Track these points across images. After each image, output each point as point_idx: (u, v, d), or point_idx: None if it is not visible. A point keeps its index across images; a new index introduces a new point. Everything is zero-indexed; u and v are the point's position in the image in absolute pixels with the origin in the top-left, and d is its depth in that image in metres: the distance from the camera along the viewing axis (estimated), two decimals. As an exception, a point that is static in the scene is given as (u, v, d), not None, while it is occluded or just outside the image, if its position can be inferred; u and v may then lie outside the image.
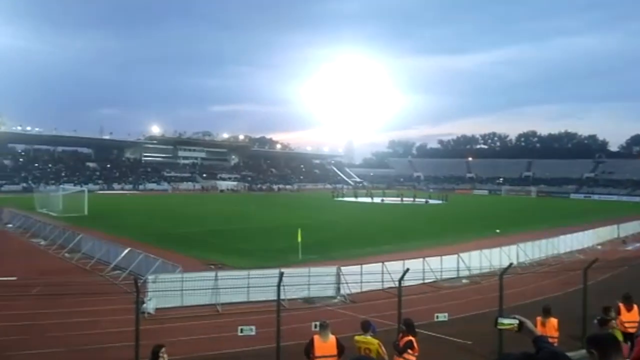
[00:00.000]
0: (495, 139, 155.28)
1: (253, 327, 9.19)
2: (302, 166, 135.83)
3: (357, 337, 7.77)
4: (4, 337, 10.56)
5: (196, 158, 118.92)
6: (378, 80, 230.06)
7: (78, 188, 49.92)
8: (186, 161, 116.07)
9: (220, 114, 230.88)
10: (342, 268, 15.72)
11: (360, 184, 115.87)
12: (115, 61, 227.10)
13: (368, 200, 67.37)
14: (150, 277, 13.58)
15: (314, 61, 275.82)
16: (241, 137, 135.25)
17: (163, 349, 6.95)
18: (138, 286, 9.27)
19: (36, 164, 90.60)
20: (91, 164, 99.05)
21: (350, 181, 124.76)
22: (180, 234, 29.05)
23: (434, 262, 17.40)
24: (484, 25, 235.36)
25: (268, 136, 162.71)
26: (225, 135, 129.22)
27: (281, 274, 9.95)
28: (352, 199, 69.39)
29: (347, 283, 15.39)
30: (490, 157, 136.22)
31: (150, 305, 12.87)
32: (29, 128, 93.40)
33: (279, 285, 9.69)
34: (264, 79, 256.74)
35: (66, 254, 21.21)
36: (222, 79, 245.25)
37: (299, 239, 21.11)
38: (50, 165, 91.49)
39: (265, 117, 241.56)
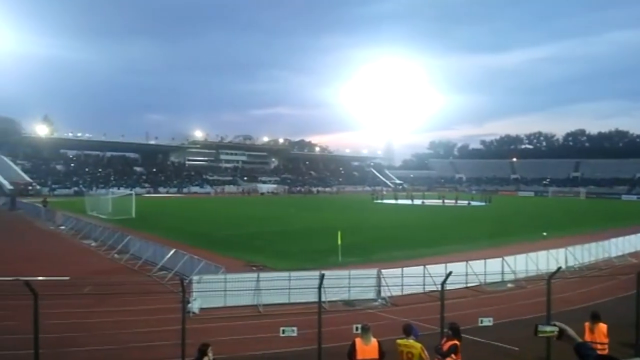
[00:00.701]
0: (541, 138, 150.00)
1: (295, 328, 9.27)
2: (340, 168, 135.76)
3: (399, 341, 7.70)
4: (58, 333, 11.08)
5: (237, 161, 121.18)
6: (417, 80, 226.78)
7: (126, 191, 51.83)
8: (228, 164, 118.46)
9: (260, 118, 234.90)
10: (383, 271, 15.61)
11: (400, 186, 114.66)
12: (160, 68, 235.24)
13: (408, 202, 66.59)
14: (195, 278, 13.96)
15: (351, 63, 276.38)
16: (281, 140, 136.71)
17: (210, 348, 7.15)
18: (184, 286, 9.55)
19: (87, 169, 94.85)
20: (138, 168, 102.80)
21: (389, 183, 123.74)
22: (222, 235, 29.68)
23: (477, 265, 16.97)
24: (523, 22, 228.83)
25: (307, 139, 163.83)
26: (266, 139, 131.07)
27: (322, 276, 10.00)
28: (392, 201, 68.81)
29: (387, 286, 15.27)
30: (535, 157, 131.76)
31: (195, 305, 13.23)
32: (79, 134, 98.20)
33: (320, 287, 9.74)
34: (303, 82, 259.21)
35: (115, 255, 22.11)
36: (262, 84, 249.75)
37: (339, 241, 21.12)
38: (99, 170, 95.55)
39: (304, 120, 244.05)
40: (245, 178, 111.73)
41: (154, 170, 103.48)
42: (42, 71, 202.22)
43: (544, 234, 29.34)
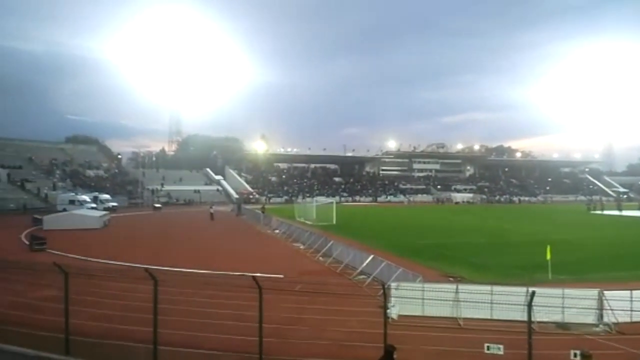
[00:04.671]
0: None
1: (501, 346, 8.69)
2: (547, 175, 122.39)
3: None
4: (276, 325, 12.51)
5: (430, 170, 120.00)
6: (634, 71, 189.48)
7: (327, 200, 56.03)
8: (420, 173, 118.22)
9: (452, 125, 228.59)
10: (606, 292, 13.45)
11: (625, 195, 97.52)
12: (356, 83, 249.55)
13: (637, 214, 56.08)
14: (393, 285, 14.23)
15: (551, 58, 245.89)
16: (476, 147, 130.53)
17: (395, 351, 7.23)
18: (386, 293, 9.83)
19: (295, 179, 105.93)
20: (337, 178, 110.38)
21: (610, 191, 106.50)
22: (417, 244, 29.62)
23: None
24: None
25: (506, 144, 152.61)
26: (459, 146, 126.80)
27: (532, 293, 9.13)
28: (615, 213, 58.88)
29: (612, 310, 13.09)
30: None
31: (393, 311, 13.48)
32: (289, 149, 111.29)
33: (529, 305, 8.92)
34: (496, 84, 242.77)
35: (320, 258, 24.06)
36: (452, 89, 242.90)
37: (548, 257, 19.00)
38: (305, 180, 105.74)
39: (500, 124, 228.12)
40: (439, 187, 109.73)
41: (351, 180, 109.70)
42: (258, 96, 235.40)
43: None
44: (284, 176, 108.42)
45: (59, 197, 56.91)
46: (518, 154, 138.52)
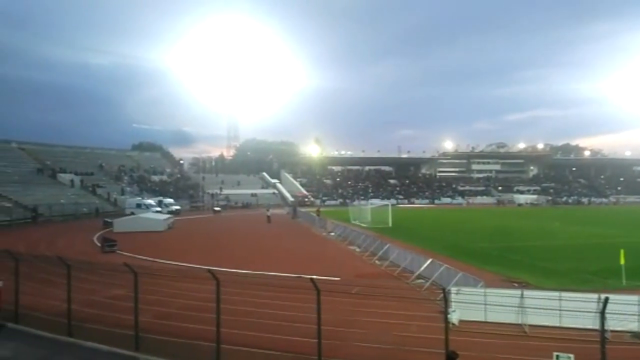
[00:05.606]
0: None
1: (571, 356, 8.22)
2: (618, 175, 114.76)
3: None
4: (333, 327, 12.50)
5: (490, 171, 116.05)
6: None
7: (382, 202, 55.57)
8: (480, 175, 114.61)
9: (515, 123, 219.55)
10: (688, 300, 12.40)
11: None
12: (410, 83, 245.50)
13: None
14: (453, 289, 13.86)
15: (622, 51, 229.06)
16: (540, 145, 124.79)
17: (458, 358, 7.03)
18: (446, 298, 9.60)
19: (349, 182, 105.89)
20: (392, 181, 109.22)
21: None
22: (477, 248, 28.70)
23: None
24: None
25: (573, 142, 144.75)
26: (522, 145, 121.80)
27: (606, 300, 8.57)
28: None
29: (698, 321, 12.04)
30: None
31: (454, 317, 13.12)
32: (343, 152, 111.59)
33: (602, 313, 8.39)
34: (564, 79, 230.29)
35: (376, 261, 23.88)
36: (515, 86, 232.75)
37: (622, 261, 17.79)
38: (359, 183, 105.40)
39: (567, 121, 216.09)
40: (500, 188, 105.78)
41: (407, 182, 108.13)
42: (311, 100, 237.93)
43: None
44: (338, 179, 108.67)
45: (127, 202, 60.13)
46: (586, 153, 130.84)
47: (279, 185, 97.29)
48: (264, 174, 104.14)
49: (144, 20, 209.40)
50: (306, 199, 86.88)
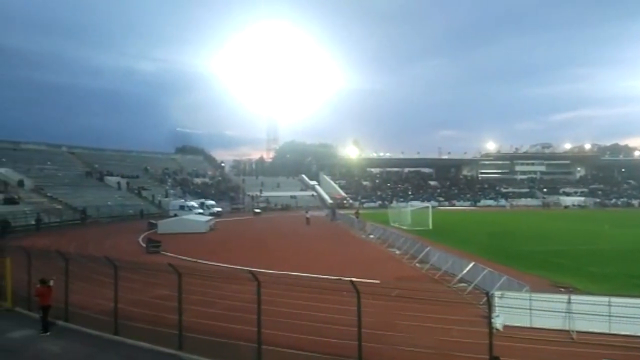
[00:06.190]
0: None
1: (623, 364, 7.86)
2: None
3: None
4: (373, 330, 12.43)
5: (535, 172, 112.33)
6: None
7: (422, 204, 54.78)
8: (523, 176, 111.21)
9: (560, 123, 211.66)
10: None
11: None
12: (450, 83, 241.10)
13: None
14: (497, 293, 13.49)
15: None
16: (587, 146, 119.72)
17: None
18: (490, 302, 9.39)
19: (388, 184, 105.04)
20: (432, 182, 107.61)
21: None
22: (521, 251, 27.83)
23: None
24: None
25: (622, 142, 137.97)
26: (568, 146, 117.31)
27: (660, 307, 8.16)
28: None
29: None
30: None
31: (498, 321, 12.78)
32: (381, 154, 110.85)
33: (657, 320, 7.98)
34: (612, 77, 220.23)
35: (417, 264, 23.56)
36: (560, 85, 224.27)
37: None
38: (399, 185, 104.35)
39: (615, 120, 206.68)
40: (545, 190, 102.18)
41: (448, 183, 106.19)
42: (350, 102, 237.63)
43: None
44: (377, 181, 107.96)
45: (170, 204, 61.94)
46: (636, 153, 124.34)
47: (317, 187, 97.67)
48: (303, 176, 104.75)
49: (189, 27, 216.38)
50: (345, 201, 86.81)
